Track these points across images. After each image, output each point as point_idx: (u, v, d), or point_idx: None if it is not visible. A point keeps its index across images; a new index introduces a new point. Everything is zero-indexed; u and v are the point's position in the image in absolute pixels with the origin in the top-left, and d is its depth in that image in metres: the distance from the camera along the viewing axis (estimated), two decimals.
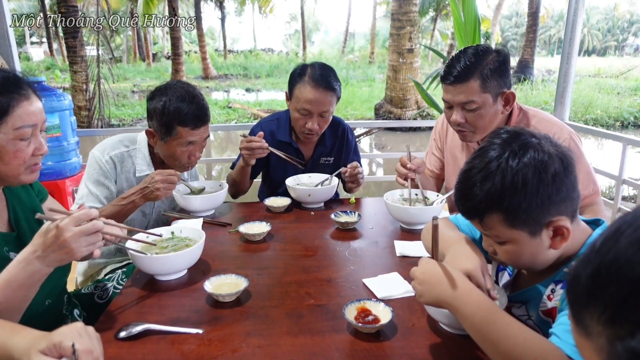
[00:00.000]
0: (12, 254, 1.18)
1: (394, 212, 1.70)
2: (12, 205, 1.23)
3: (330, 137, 2.20)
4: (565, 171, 0.86)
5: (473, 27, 4.71)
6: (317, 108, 1.95)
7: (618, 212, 3.19)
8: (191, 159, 1.74)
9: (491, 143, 0.90)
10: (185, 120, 1.63)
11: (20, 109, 1.07)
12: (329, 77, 1.95)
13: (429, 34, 28.95)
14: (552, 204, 0.86)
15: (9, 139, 1.06)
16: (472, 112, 1.55)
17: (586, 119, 12.65)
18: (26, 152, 1.10)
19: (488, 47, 1.55)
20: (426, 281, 0.94)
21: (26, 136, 1.09)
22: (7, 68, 1.16)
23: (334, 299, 1.20)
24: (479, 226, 0.95)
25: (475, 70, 1.50)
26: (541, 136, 0.90)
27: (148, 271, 1.31)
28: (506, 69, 1.54)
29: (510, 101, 1.59)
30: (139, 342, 1.02)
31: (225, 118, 13.35)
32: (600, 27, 61.86)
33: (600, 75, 22.80)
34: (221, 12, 32.76)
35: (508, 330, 0.83)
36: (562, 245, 0.90)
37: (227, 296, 1.16)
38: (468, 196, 0.92)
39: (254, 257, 1.48)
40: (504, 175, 0.86)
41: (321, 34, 74.70)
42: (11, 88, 1.07)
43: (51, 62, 26.43)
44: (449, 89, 1.57)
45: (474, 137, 1.64)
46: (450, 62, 1.57)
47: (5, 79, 1.08)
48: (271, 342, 1.02)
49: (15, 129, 1.07)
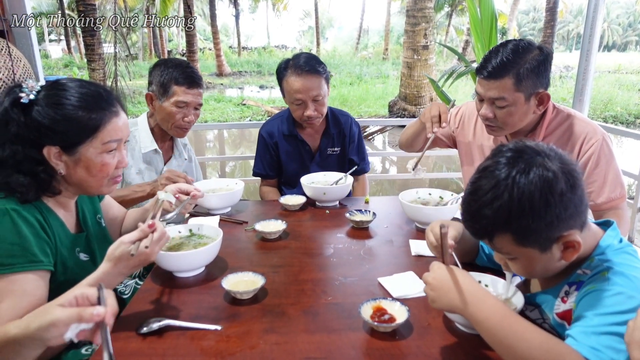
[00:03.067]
0: (82, 254, 1.25)
1: (409, 211, 1.69)
2: (80, 207, 1.30)
3: (335, 127, 2.25)
4: (572, 189, 0.84)
5: (490, 23, 4.65)
6: (308, 94, 2.01)
7: (638, 212, 3.13)
8: (185, 121, 1.91)
9: (497, 162, 0.88)
10: (180, 80, 1.84)
11: (110, 125, 1.14)
12: (311, 62, 2.01)
13: (443, 30, 28.65)
14: (560, 222, 0.85)
15: (98, 152, 1.13)
16: (502, 109, 1.52)
17: (605, 116, 12.40)
18: (112, 164, 1.17)
19: (530, 44, 1.49)
20: (438, 287, 0.94)
21: (112, 149, 1.16)
22: (99, 83, 1.22)
23: (349, 298, 1.21)
24: (490, 245, 0.94)
25: (512, 68, 1.45)
26: (546, 152, 0.87)
27: (167, 268, 1.33)
28: (545, 68, 1.48)
29: (544, 101, 1.54)
30: (159, 338, 1.04)
31: (240, 115, 13.43)
32: (621, 21, 60.41)
33: (620, 71, 22.32)
34: (235, 9, 32.89)
35: (524, 334, 0.83)
36: (574, 257, 0.89)
37: (244, 293, 1.18)
38: (476, 218, 0.90)
39: (270, 255, 1.50)
40: (510, 198, 0.84)
41: (335, 30, 74.46)
42: (103, 105, 1.14)
43: (69, 59, 26.88)
44: (482, 83, 1.54)
45: (501, 132, 1.62)
46: (488, 54, 1.52)
47: (98, 95, 1.14)
48: (288, 340, 1.03)
49: (103, 143, 1.13)
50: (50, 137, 1.09)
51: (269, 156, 2.24)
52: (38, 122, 1.07)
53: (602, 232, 0.97)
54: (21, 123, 1.06)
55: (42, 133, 1.08)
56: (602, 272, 0.88)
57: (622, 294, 0.82)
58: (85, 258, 1.25)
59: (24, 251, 1.05)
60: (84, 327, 0.81)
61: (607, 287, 0.84)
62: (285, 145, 2.22)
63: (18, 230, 1.05)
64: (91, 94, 1.13)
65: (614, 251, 0.92)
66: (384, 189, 6.45)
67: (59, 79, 1.16)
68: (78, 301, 0.83)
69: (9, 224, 1.04)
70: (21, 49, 2.66)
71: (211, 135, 11.15)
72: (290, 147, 2.22)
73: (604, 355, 0.77)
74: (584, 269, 0.93)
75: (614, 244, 0.93)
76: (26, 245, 1.05)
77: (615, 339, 0.78)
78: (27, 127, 1.07)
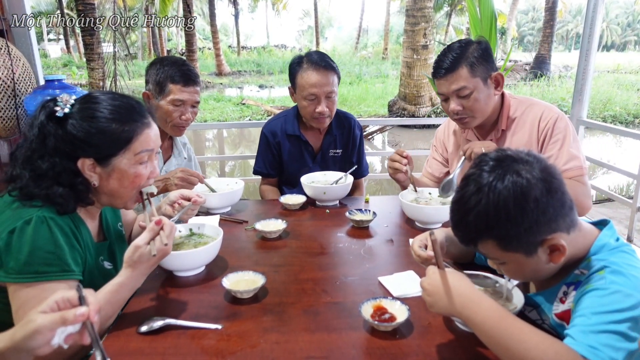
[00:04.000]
0: (106, 263, 1.27)
1: (409, 211, 1.70)
2: (104, 216, 1.32)
3: (337, 128, 2.25)
4: (549, 193, 0.86)
5: (489, 22, 4.65)
6: (322, 90, 2.02)
7: (637, 211, 3.14)
8: (182, 119, 1.90)
9: (481, 170, 0.90)
10: (176, 78, 1.84)
11: (142, 136, 1.16)
12: (327, 59, 2.05)
13: (443, 30, 28.64)
14: (540, 226, 0.87)
15: (131, 164, 1.15)
16: (467, 98, 1.65)
17: (604, 116, 12.41)
18: (144, 175, 1.19)
19: (469, 40, 1.69)
20: (434, 292, 0.95)
21: (144, 160, 1.17)
22: (131, 95, 1.24)
23: (350, 297, 1.21)
24: (478, 251, 0.96)
25: (462, 60, 1.62)
26: (524, 159, 0.89)
27: (167, 267, 1.33)
28: (489, 55, 1.66)
29: (500, 83, 1.69)
30: (160, 337, 1.04)
31: (239, 115, 13.42)
32: (620, 21, 60.47)
33: (619, 71, 22.34)
34: (235, 8, 32.89)
35: (520, 335, 0.83)
36: (561, 259, 0.90)
37: (245, 293, 1.18)
38: (460, 225, 0.94)
39: (270, 254, 1.50)
40: (487, 204, 0.87)
41: (334, 30, 74.48)
42: (136, 117, 1.15)
43: (68, 59, 26.85)
44: (442, 82, 1.68)
45: (473, 121, 1.72)
46: (438, 58, 1.69)
47: (131, 107, 1.16)
48: (289, 339, 1.03)
49: (136, 154, 1.15)
50: (85, 149, 1.10)
51: (270, 155, 2.24)
52: (73, 135, 1.09)
53: (598, 232, 0.97)
54: (58, 136, 1.09)
55: (77, 146, 1.10)
56: (599, 271, 0.89)
57: (620, 292, 0.83)
58: (109, 266, 1.27)
59: (58, 260, 1.06)
60: (71, 330, 0.79)
61: (605, 286, 0.85)
62: (288, 145, 2.22)
63: (55, 239, 1.06)
64: (124, 107, 1.15)
65: (611, 250, 0.92)
66: (384, 189, 6.45)
67: (90, 92, 1.18)
68: (59, 305, 0.81)
69: (46, 233, 1.05)
70: (20, 49, 2.66)
71: (211, 134, 11.15)
72: (293, 147, 2.22)
73: (602, 353, 0.77)
74: (581, 269, 0.94)
75: (611, 243, 0.94)
76: (61, 255, 1.06)
77: (614, 337, 0.78)
78: (63, 140, 1.09)
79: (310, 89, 2.01)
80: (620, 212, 4.38)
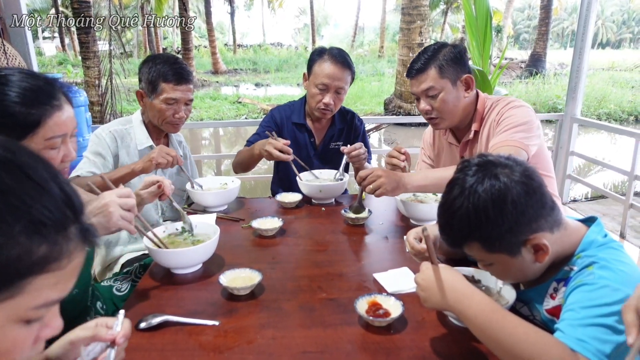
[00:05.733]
0: None
1: (404, 208, 1.72)
2: None
3: (340, 122, 2.32)
4: (527, 194, 0.89)
5: (484, 20, 4.68)
6: (334, 83, 2.09)
7: (630, 208, 3.17)
8: (175, 117, 1.89)
9: (465, 175, 0.94)
10: (168, 77, 1.83)
11: (51, 120, 1.09)
12: (347, 56, 2.13)
13: (439, 28, 28.69)
14: (521, 226, 0.90)
15: (40, 148, 1.09)
16: (435, 99, 1.71)
17: (599, 114, 12.47)
18: (56, 159, 1.14)
19: (444, 43, 1.75)
20: (428, 288, 0.97)
21: (56, 145, 1.12)
22: (43, 75, 1.15)
23: (345, 293, 1.23)
24: (466, 253, 1.00)
25: (432, 62, 1.68)
26: (503, 164, 0.93)
27: (165, 265, 1.35)
28: (462, 57, 1.71)
29: (470, 85, 1.73)
30: (158, 333, 1.06)
31: (235, 113, 13.40)
32: (615, 19, 60.71)
33: (614, 69, 22.44)
34: (230, 6, 32.77)
35: (511, 329, 0.86)
36: (545, 258, 0.92)
37: (241, 289, 1.20)
38: (446, 229, 0.98)
39: (267, 252, 1.52)
40: (468, 207, 0.90)
41: (330, 27, 74.37)
42: (43, 99, 1.08)
43: (63, 57, 26.69)
44: (413, 83, 1.75)
45: (443, 122, 1.78)
46: (412, 60, 1.76)
47: (37, 89, 1.08)
48: (285, 334, 1.05)
49: (46, 140, 1.09)
50: None
51: None
52: None
53: (586, 228, 1.00)
54: None
55: None
56: (587, 267, 0.91)
57: (608, 287, 0.85)
58: None
59: None
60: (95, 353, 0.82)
61: (593, 281, 0.87)
62: (292, 132, 2.25)
63: None
64: (31, 88, 1.07)
65: (599, 247, 0.95)
66: None
67: (1, 72, 1.09)
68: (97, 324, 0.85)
69: None
70: (16, 47, 2.66)
71: (207, 133, 11.14)
72: (296, 134, 2.26)
73: (589, 345, 0.79)
74: (570, 265, 0.96)
75: (598, 239, 0.96)
76: None
77: (602, 330, 0.80)
78: None
79: (323, 79, 2.08)
80: (613, 208, 4.42)
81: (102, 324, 0.85)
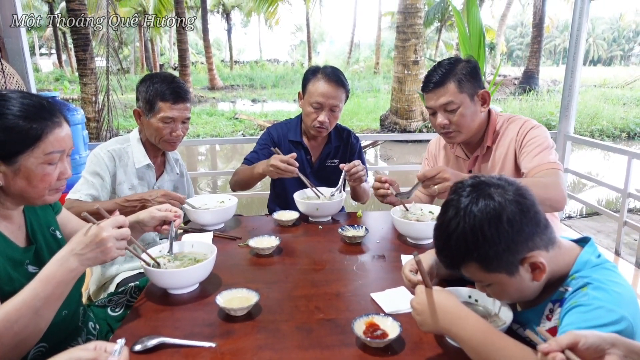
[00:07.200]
0: (31, 267, 1.21)
1: (401, 226, 1.72)
2: (29, 220, 1.27)
3: (336, 139, 2.35)
4: (522, 213, 0.90)
5: (478, 38, 4.76)
6: (329, 101, 2.11)
7: (624, 225, 3.19)
8: (172, 136, 1.90)
9: (459, 196, 0.95)
10: (165, 96, 1.84)
11: (52, 136, 1.12)
12: (340, 75, 2.16)
13: (433, 45, 29.07)
14: (518, 244, 0.91)
15: (39, 163, 1.11)
16: (454, 113, 1.72)
17: (592, 130, 12.61)
18: (53, 176, 1.15)
19: (458, 58, 1.76)
20: (423, 311, 0.98)
21: (54, 161, 1.14)
22: (42, 95, 1.20)
23: (342, 313, 1.23)
24: (463, 275, 1.00)
25: (451, 76, 1.69)
26: (496, 184, 0.94)
27: (161, 285, 1.34)
28: (477, 73, 1.72)
29: (486, 100, 1.75)
30: (154, 356, 1.05)
31: (232, 129, 13.45)
32: (606, 36, 61.87)
33: (605, 86, 22.74)
34: (227, 23, 33.19)
35: (506, 350, 0.86)
36: (543, 277, 0.93)
37: (238, 310, 1.19)
38: (444, 251, 0.98)
39: (264, 271, 1.51)
40: (464, 228, 0.91)
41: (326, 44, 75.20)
42: (45, 115, 1.12)
43: (60, 73, 26.81)
44: (430, 96, 1.75)
45: (459, 136, 1.78)
46: (428, 73, 1.76)
47: (40, 105, 1.12)
48: (282, 356, 1.04)
49: (45, 154, 1.12)
50: None
51: (267, 152, 2.25)
52: None
53: (580, 249, 1.01)
54: None
55: None
56: (582, 288, 0.92)
57: (602, 308, 0.86)
58: (33, 270, 1.21)
59: None
60: None
61: (588, 302, 0.88)
62: (289, 150, 2.24)
63: None
64: (33, 105, 1.11)
65: (593, 267, 0.96)
66: (376, 203, 6.47)
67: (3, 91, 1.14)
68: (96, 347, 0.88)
69: None
70: (14, 65, 2.68)
71: (203, 149, 11.15)
72: (293, 152, 2.24)
73: None
74: (565, 286, 0.97)
75: (592, 260, 0.97)
76: None
77: None
78: None
79: (317, 97, 2.11)
80: (608, 225, 4.45)
81: (101, 348, 0.86)
